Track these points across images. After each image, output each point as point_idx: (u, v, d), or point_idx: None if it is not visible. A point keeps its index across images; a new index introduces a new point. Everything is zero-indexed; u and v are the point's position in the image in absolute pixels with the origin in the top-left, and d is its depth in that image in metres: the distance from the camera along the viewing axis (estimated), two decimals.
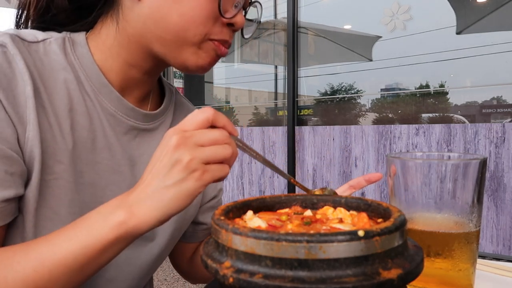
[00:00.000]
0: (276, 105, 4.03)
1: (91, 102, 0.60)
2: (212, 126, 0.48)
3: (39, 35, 0.59)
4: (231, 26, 0.61)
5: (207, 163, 0.46)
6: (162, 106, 0.70)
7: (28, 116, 0.52)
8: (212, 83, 4.42)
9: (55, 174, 0.55)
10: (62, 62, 0.58)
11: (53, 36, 0.60)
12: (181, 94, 0.82)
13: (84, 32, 0.63)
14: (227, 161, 0.48)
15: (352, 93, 3.28)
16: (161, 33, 0.58)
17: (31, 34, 0.58)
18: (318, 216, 0.44)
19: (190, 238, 0.82)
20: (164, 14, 0.57)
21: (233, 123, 0.51)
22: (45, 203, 0.54)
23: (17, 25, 0.66)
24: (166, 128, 0.71)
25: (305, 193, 0.53)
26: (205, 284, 0.75)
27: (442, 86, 2.81)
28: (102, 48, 0.62)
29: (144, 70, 0.64)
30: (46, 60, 0.57)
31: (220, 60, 0.69)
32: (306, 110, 3.33)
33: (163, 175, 0.46)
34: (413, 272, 0.34)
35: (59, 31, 0.63)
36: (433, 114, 2.82)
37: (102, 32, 0.62)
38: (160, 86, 0.75)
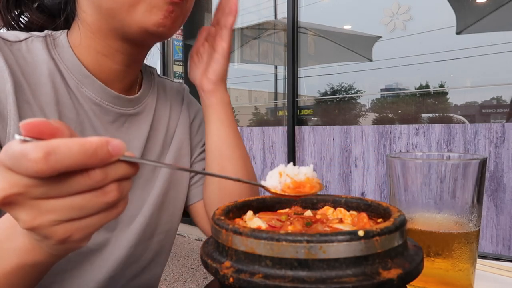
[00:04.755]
0: (276, 105, 4.02)
1: (75, 95, 0.62)
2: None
3: (21, 35, 0.60)
4: None
5: (71, 220, 0.32)
6: (141, 89, 0.71)
7: (9, 112, 0.53)
8: None
9: None
10: (45, 57, 0.60)
11: (35, 35, 0.62)
12: (160, 75, 0.83)
13: (66, 30, 0.65)
14: (114, 204, 0.34)
15: (352, 93, 3.28)
16: (106, 5, 0.58)
17: (13, 34, 0.60)
18: (318, 216, 0.44)
19: (194, 198, 0.79)
20: None
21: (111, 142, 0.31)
22: None
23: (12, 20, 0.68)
24: (150, 109, 0.72)
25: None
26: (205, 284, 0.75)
27: (442, 86, 2.81)
28: (77, 42, 0.63)
29: (121, 60, 0.64)
30: (29, 57, 0.59)
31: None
32: (306, 110, 3.33)
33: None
34: (413, 272, 0.34)
35: (41, 31, 0.65)
36: (433, 114, 2.82)
37: (75, 27, 0.64)
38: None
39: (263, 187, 0.42)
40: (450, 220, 0.54)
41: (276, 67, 4.09)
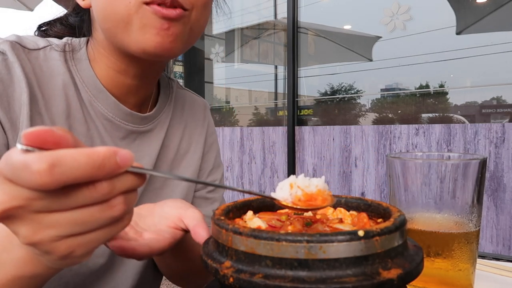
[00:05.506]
0: (276, 105, 4.02)
1: (87, 109, 0.61)
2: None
3: (40, 42, 0.60)
4: None
5: (73, 235, 0.30)
6: (156, 106, 0.69)
7: (21, 123, 0.53)
8: (212, 83, 4.41)
9: None
10: (61, 68, 0.59)
11: (54, 43, 0.61)
12: (183, 86, 0.80)
13: (86, 39, 0.64)
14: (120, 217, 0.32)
15: (352, 93, 3.28)
16: (105, 25, 0.56)
17: (32, 41, 0.59)
18: (318, 216, 0.44)
19: None
20: (97, 5, 0.56)
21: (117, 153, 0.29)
22: None
23: (40, 30, 0.70)
24: (163, 126, 0.70)
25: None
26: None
27: (442, 86, 2.81)
28: (93, 55, 0.62)
29: (133, 75, 0.62)
30: (45, 66, 0.58)
31: (220, 60, 0.67)
32: (306, 110, 3.33)
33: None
34: (413, 272, 0.34)
35: (61, 38, 0.64)
36: (433, 114, 2.82)
37: (91, 41, 0.64)
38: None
39: (273, 199, 0.41)
40: (450, 220, 0.54)
41: (276, 67, 4.09)
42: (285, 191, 0.41)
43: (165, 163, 0.71)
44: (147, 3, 0.52)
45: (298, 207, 0.40)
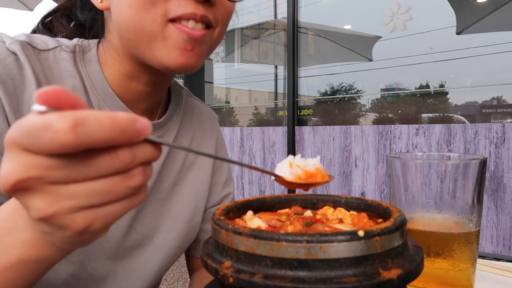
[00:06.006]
0: (276, 105, 4.02)
1: None
2: None
3: (50, 42, 0.58)
4: None
5: (92, 207, 0.28)
6: (166, 114, 0.67)
7: None
8: (212, 83, 4.41)
9: None
10: (71, 70, 0.58)
11: (64, 43, 0.60)
12: (192, 95, 0.78)
13: (97, 41, 0.62)
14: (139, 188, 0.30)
15: (352, 93, 3.28)
16: (126, 35, 0.54)
17: (42, 41, 0.57)
18: (318, 217, 0.44)
19: (193, 251, 0.77)
20: (119, 13, 0.53)
21: (135, 117, 0.28)
22: None
23: (43, 25, 0.67)
24: (171, 135, 0.68)
25: (305, 193, 0.53)
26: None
27: (442, 86, 2.81)
28: (104, 59, 0.61)
29: (145, 82, 0.61)
30: (56, 67, 0.57)
31: (220, 60, 0.65)
32: (306, 110, 3.33)
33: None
34: (413, 272, 0.34)
35: (71, 38, 0.63)
36: (433, 114, 2.82)
37: (103, 43, 0.61)
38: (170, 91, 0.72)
39: (277, 176, 0.40)
40: (450, 220, 0.54)
41: (276, 67, 4.09)
42: (285, 170, 0.41)
43: (170, 174, 0.68)
44: (173, 20, 0.51)
45: (301, 182, 0.40)
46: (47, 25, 0.67)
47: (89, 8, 0.64)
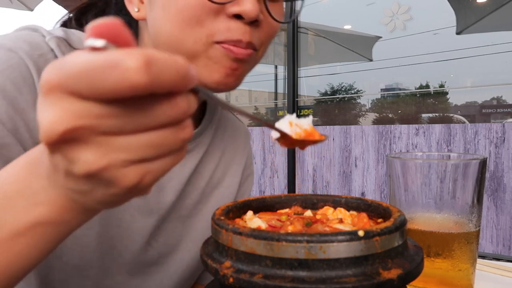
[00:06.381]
0: (276, 105, 4.02)
1: None
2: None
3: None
4: (239, 18, 0.48)
5: (144, 161, 0.26)
6: (199, 127, 0.63)
7: None
8: None
9: None
10: None
11: None
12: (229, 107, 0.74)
13: None
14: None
15: (352, 93, 3.28)
16: (163, 49, 0.50)
17: (79, 38, 0.55)
18: (318, 217, 0.44)
19: (202, 278, 0.72)
20: (158, 27, 0.50)
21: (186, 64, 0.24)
22: None
23: (76, 21, 0.64)
24: (200, 150, 0.64)
25: (305, 193, 0.53)
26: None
27: (442, 86, 2.81)
28: None
29: None
30: None
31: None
32: (306, 110, 3.33)
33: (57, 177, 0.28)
34: (413, 272, 0.34)
35: None
36: (433, 114, 2.83)
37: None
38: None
39: (281, 132, 0.38)
40: (450, 220, 0.54)
41: (276, 67, 4.09)
42: (286, 129, 0.40)
43: (195, 191, 0.64)
44: (219, 42, 0.48)
45: (303, 138, 0.39)
46: (80, 21, 0.64)
47: (126, 13, 0.60)
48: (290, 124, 0.40)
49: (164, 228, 0.61)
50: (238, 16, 0.47)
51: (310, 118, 0.41)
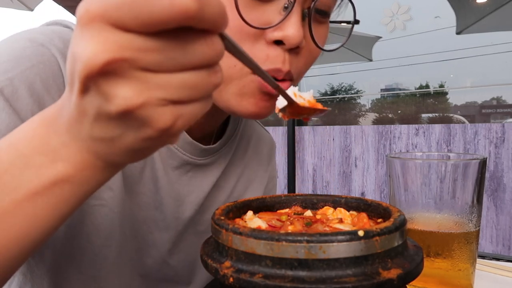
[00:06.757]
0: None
1: None
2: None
3: None
4: (280, 44, 0.44)
5: (179, 102, 0.25)
6: (222, 139, 0.61)
7: None
8: None
9: (102, 200, 0.49)
10: None
11: None
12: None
13: None
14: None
15: (352, 93, 3.28)
16: None
17: None
18: (318, 216, 0.44)
19: None
20: None
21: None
22: (81, 229, 0.48)
23: None
24: (222, 162, 0.62)
25: (305, 193, 0.53)
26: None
27: (442, 86, 2.81)
28: None
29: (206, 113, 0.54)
30: None
31: None
32: None
33: (83, 124, 0.27)
34: (413, 272, 0.34)
35: None
36: (433, 114, 2.83)
37: None
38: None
39: (289, 98, 0.37)
40: (450, 220, 0.54)
41: None
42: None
43: (214, 205, 0.62)
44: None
45: (309, 106, 0.38)
46: None
47: None
48: (294, 95, 0.39)
49: (182, 245, 0.59)
50: (277, 42, 0.44)
51: (311, 92, 0.40)
